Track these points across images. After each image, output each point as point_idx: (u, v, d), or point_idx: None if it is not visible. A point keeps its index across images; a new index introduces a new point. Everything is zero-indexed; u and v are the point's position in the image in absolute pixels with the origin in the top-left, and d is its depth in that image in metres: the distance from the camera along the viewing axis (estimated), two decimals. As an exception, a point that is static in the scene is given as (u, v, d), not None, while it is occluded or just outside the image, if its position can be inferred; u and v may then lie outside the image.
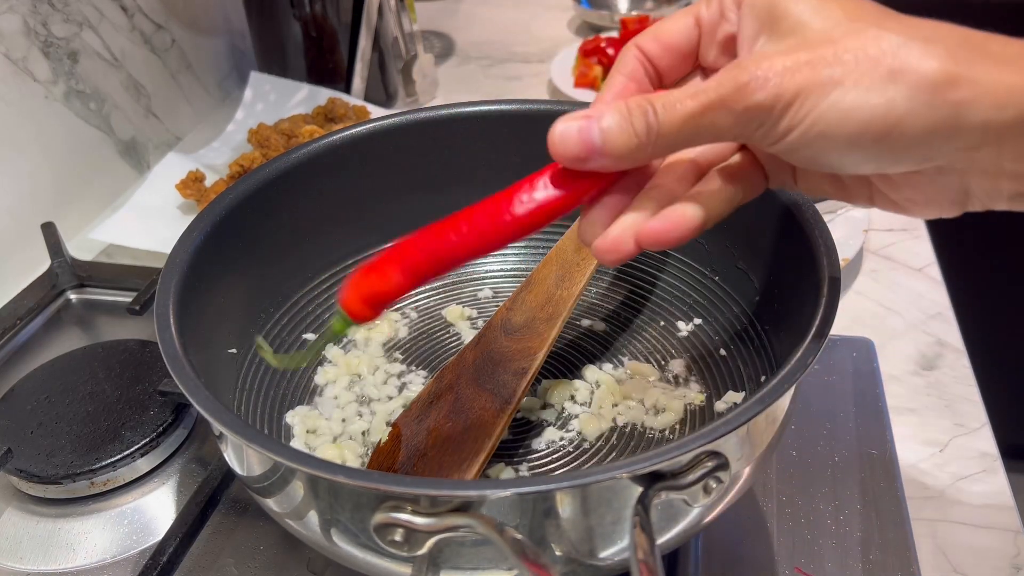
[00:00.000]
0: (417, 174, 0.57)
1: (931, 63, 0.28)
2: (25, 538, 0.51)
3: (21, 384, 0.58)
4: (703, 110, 0.30)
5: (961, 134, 0.28)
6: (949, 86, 0.27)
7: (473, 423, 0.45)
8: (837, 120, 0.29)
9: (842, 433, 0.54)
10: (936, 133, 0.28)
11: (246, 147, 0.89)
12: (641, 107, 0.31)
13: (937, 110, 0.28)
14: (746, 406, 0.35)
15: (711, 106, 0.30)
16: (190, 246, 0.46)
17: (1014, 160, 0.29)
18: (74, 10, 0.79)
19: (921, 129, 0.28)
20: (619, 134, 0.31)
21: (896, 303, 0.68)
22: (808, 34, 0.30)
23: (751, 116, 0.29)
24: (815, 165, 0.32)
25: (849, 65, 0.28)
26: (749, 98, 0.29)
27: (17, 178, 0.74)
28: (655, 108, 0.31)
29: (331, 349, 0.55)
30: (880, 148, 0.29)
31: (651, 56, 0.35)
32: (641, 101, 0.31)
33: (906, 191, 0.33)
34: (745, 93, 0.29)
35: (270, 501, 0.39)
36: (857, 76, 0.28)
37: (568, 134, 0.32)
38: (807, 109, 0.29)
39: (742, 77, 0.29)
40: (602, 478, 0.33)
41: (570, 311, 0.50)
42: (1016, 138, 0.28)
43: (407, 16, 0.97)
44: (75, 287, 0.71)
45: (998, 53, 0.28)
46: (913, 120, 0.28)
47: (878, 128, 0.28)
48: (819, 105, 0.28)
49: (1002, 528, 0.50)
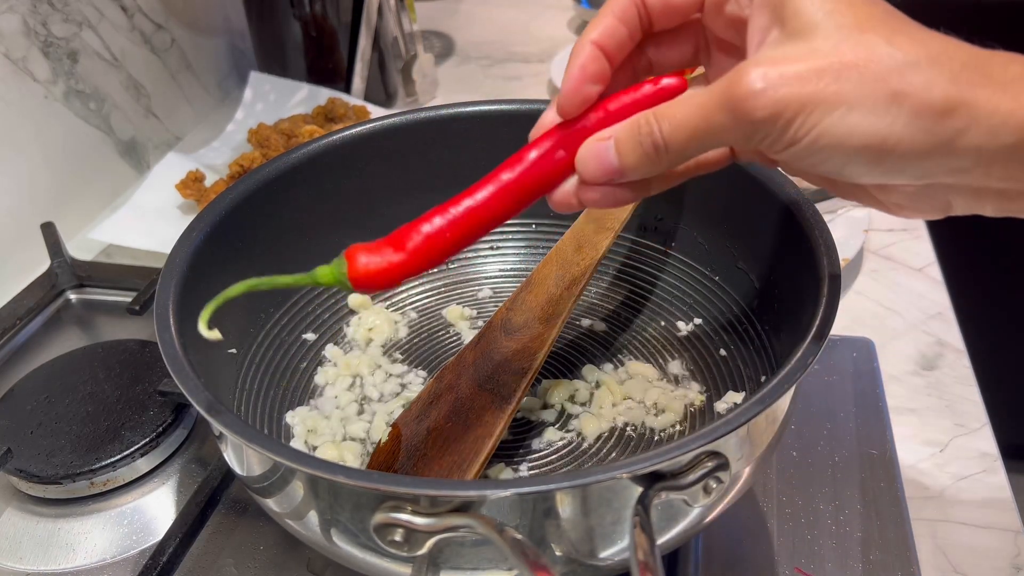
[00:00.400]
0: (417, 174, 0.57)
1: (934, 91, 0.28)
2: (25, 538, 0.51)
3: (21, 384, 0.58)
4: (708, 125, 0.31)
5: (954, 157, 0.29)
6: (948, 114, 0.28)
7: (473, 423, 0.45)
8: (840, 137, 0.29)
9: (842, 433, 0.54)
10: (931, 155, 0.29)
11: (246, 147, 0.89)
12: (648, 127, 0.32)
13: (934, 136, 0.29)
14: (746, 406, 0.35)
15: (715, 120, 0.31)
16: (190, 246, 0.46)
17: (1000, 180, 0.30)
18: (74, 10, 0.79)
19: (917, 151, 0.29)
20: (632, 155, 0.33)
21: (896, 303, 0.68)
22: (817, 42, 0.29)
23: (755, 129, 0.30)
24: (816, 172, 0.33)
25: (854, 83, 0.29)
26: (752, 113, 0.29)
27: (17, 178, 0.74)
28: (661, 127, 0.32)
29: (331, 349, 0.55)
30: (878, 164, 0.30)
31: (648, 3, 0.35)
32: (648, 119, 0.32)
33: (895, 197, 0.34)
34: (748, 107, 0.29)
35: (270, 501, 0.39)
36: (862, 95, 0.29)
37: (587, 162, 0.34)
38: (811, 124, 0.29)
39: (743, 88, 0.29)
40: (602, 478, 0.33)
41: (570, 311, 0.50)
42: (1005, 162, 0.29)
43: (407, 16, 0.97)
44: (75, 287, 0.71)
45: (999, 76, 0.29)
46: (910, 143, 0.29)
47: (877, 147, 0.29)
48: (822, 121, 0.29)
49: (1002, 528, 0.50)
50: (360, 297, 0.58)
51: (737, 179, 0.50)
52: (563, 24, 1.23)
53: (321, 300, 0.57)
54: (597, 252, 0.51)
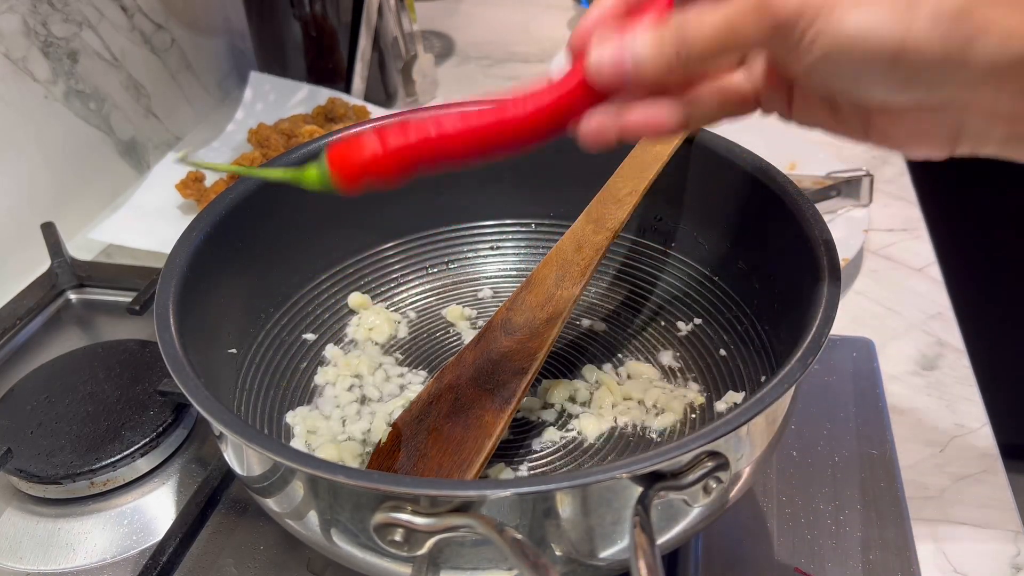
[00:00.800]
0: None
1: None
2: (25, 538, 0.51)
3: (21, 384, 0.58)
4: (731, 25, 0.31)
5: (967, 68, 0.29)
6: (963, 20, 0.29)
7: (473, 423, 0.45)
8: (857, 37, 0.30)
9: (842, 433, 0.54)
10: (946, 64, 0.29)
11: (246, 147, 0.89)
12: (670, 24, 0.32)
13: (949, 41, 0.29)
14: (746, 406, 0.35)
15: (739, 21, 0.31)
16: (190, 246, 0.46)
17: (1011, 100, 0.31)
18: (74, 10, 0.79)
19: (932, 57, 0.29)
20: (651, 60, 0.33)
21: (896, 303, 0.68)
22: None
23: (778, 28, 0.30)
24: (828, 86, 0.33)
25: None
26: (777, 11, 0.30)
27: (17, 178, 0.74)
28: (684, 23, 0.32)
29: (331, 349, 0.55)
30: (893, 70, 0.30)
31: None
32: (671, 22, 0.32)
33: (902, 125, 0.34)
34: (773, 5, 0.30)
35: (270, 501, 0.39)
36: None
37: (602, 65, 0.33)
38: (832, 24, 0.30)
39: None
40: (602, 478, 0.33)
41: (570, 311, 0.50)
42: (1016, 78, 0.30)
43: (407, 16, 0.97)
44: (75, 287, 0.71)
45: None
46: (927, 47, 0.29)
47: (893, 50, 0.29)
48: (843, 20, 0.29)
49: (1002, 528, 0.50)
50: (360, 297, 0.58)
51: (737, 179, 0.50)
52: (563, 24, 1.23)
53: (321, 300, 0.57)
54: (597, 252, 0.51)
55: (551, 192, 0.59)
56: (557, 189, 0.59)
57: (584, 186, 0.54)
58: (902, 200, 0.81)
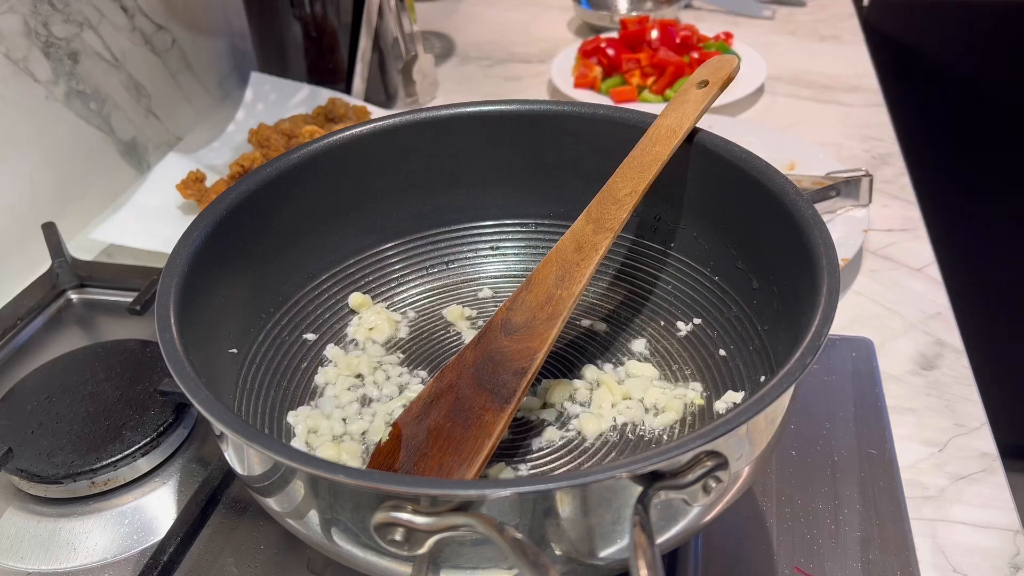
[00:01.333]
0: (417, 174, 0.58)
1: None
2: (26, 538, 0.51)
3: (21, 384, 0.58)
4: None
5: None
6: None
7: (473, 423, 0.46)
8: None
9: (841, 433, 0.54)
10: None
11: (246, 147, 0.89)
12: None
13: None
14: (746, 406, 0.35)
15: None
16: (190, 246, 0.46)
17: None
18: (74, 10, 0.79)
19: None
20: None
21: (896, 303, 0.68)
22: None
23: None
24: None
25: None
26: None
27: (18, 178, 0.74)
28: None
29: (331, 349, 0.55)
30: None
31: None
32: None
33: None
34: None
35: (270, 501, 0.39)
36: None
37: None
38: None
39: None
40: (602, 478, 0.33)
41: (570, 311, 0.50)
42: None
43: (407, 16, 0.97)
44: (75, 287, 0.71)
45: None
46: None
47: None
48: None
49: (1002, 528, 0.50)
50: (361, 297, 0.58)
51: (737, 179, 0.50)
52: (563, 25, 1.23)
53: (322, 300, 0.57)
54: (597, 252, 0.51)
55: (551, 192, 0.59)
56: (557, 189, 0.59)
57: (584, 186, 0.54)
58: (901, 200, 0.81)
